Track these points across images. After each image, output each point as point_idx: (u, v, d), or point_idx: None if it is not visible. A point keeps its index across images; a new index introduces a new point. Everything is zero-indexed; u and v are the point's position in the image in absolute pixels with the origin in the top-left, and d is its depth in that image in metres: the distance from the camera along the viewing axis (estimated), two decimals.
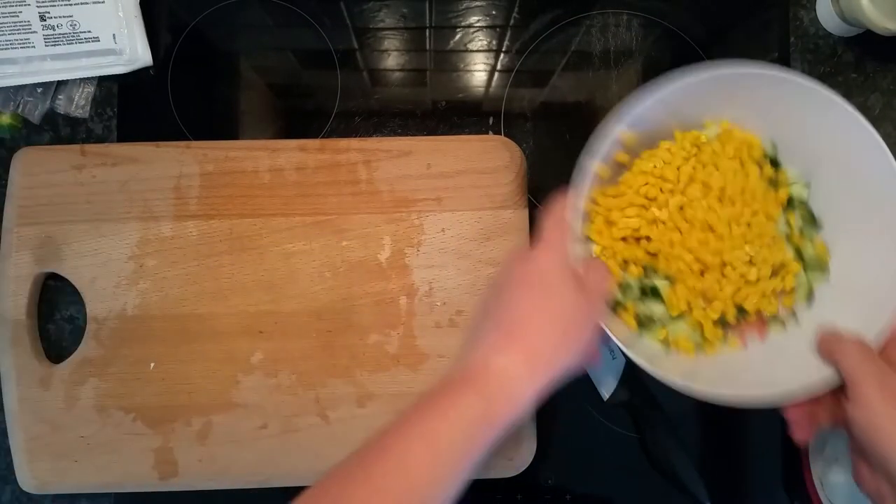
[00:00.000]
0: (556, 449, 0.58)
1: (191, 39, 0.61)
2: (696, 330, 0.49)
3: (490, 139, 0.58)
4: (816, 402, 0.46)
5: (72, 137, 0.59)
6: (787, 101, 0.46)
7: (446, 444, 0.38)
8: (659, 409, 0.55)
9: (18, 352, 0.55)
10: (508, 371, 0.40)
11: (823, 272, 0.49)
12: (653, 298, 0.48)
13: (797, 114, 0.47)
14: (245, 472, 0.54)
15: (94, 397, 0.55)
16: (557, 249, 0.44)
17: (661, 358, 0.48)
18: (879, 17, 0.55)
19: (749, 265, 0.47)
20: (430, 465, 0.38)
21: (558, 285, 0.43)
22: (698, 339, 0.49)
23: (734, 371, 0.47)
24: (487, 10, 0.62)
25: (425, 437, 0.38)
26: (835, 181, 0.49)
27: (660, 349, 0.48)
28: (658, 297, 0.48)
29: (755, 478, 0.59)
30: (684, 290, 0.48)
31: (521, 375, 0.40)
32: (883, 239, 0.46)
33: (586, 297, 0.43)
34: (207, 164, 0.57)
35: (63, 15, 0.57)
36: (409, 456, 0.38)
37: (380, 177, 0.57)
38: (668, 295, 0.48)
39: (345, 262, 0.56)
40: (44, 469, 0.54)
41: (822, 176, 0.49)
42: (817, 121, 0.47)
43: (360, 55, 0.61)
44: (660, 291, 0.48)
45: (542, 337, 0.42)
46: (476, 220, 0.57)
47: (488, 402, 0.39)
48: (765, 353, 0.49)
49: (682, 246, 0.47)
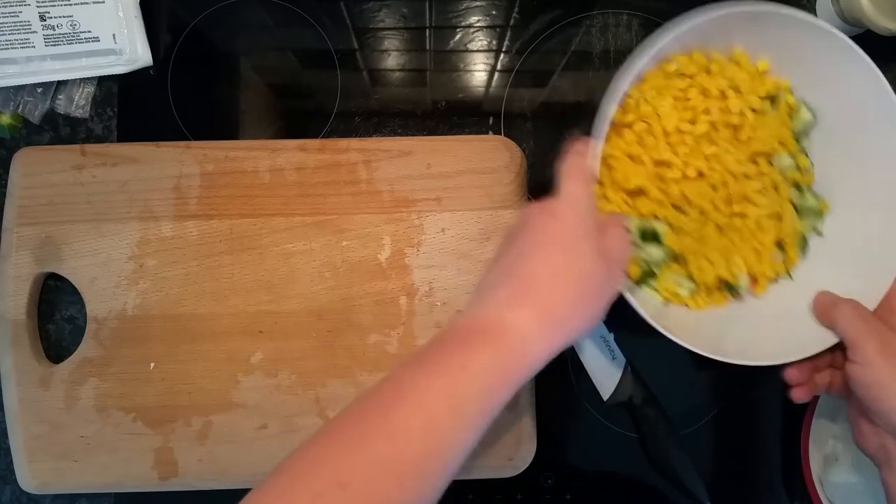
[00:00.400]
0: (556, 449, 0.58)
1: (191, 39, 0.61)
2: (692, 282, 0.49)
3: (490, 139, 0.58)
4: (814, 366, 0.46)
5: (72, 137, 0.59)
6: (803, 43, 0.47)
7: (468, 401, 0.37)
8: (659, 409, 0.55)
9: (18, 352, 0.55)
10: (523, 329, 0.38)
11: (819, 219, 0.50)
12: (652, 242, 0.49)
13: (811, 57, 0.47)
14: (245, 472, 0.54)
15: (94, 397, 0.55)
16: (580, 205, 0.41)
17: (660, 313, 0.48)
18: (879, 17, 0.55)
19: (754, 206, 0.48)
20: (453, 422, 0.36)
21: (580, 245, 0.40)
22: (694, 291, 0.50)
23: (731, 330, 0.48)
24: (487, 10, 0.62)
25: (447, 390, 0.37)
26: (839, 133, 0.49)
27: (659, 303, 0.49)
28: (657, 241, 0.48)
29: (755, 478, 0.59)
30: (687, 240, 0.48)
31: (535, 335, 0.39)
32: (883, 198, 0.47)
33: (606, 261, 0.41)
34: (207, 164, 0.57)
35: (63, 15, 0.57)
36: (434, 410, 0.36)
37: (380, 177, 0.57)
38: (668, 237, 0.48)
39: (345, 262, 0.56)
40: (44, 469, 0.54)
41: (827, 126, 0.50)
42: (830, 67, 0.47)
43: (360, 55, 0.61)
44: (659, 236, 0.48)
45: (560, 297, 0.39)
46: (476, 219, 0.57)
47: (504, 359, 0.38)
48: (761, 313, 0.50)
49: (693, 190, 0.48)
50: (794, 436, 0.57)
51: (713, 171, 0.49)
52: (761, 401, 0.60)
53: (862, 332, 0.43)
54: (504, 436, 0.56)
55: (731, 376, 0.59)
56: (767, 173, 0.50)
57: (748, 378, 0.59)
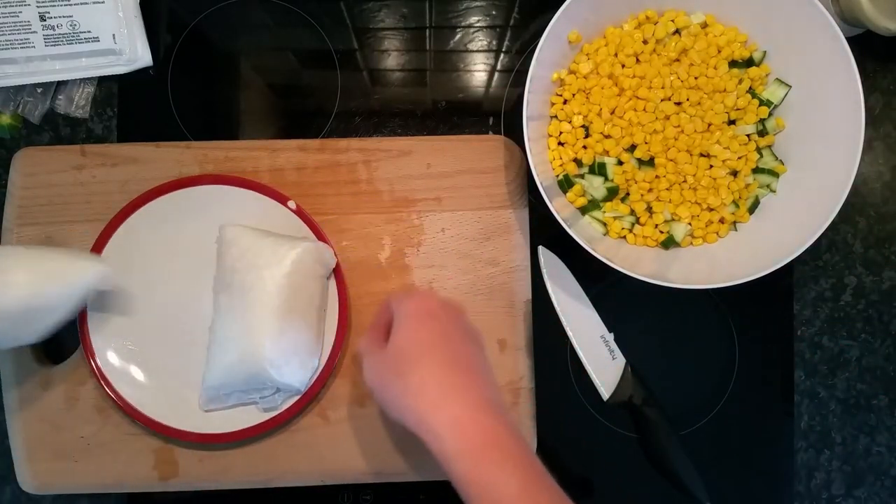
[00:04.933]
0: (556, 449, 0.58)
1: (191, 39, 0.61)
2: (633, 217, 0.55)
3: (490, 139, 0.58)
4: None
5: (72, 137, 0.59)
6: (781, 15, 0.52)
7: None
8: (659, 409, 0.55)
9: (18, 352, 0.55)
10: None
11: (775, 179, 0.55)
12: (599, 176, 0.55)
13: (791, 34, 0.52)
14: (245, 472, 0.54)
15: (94, 397, 0.55)
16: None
17: (597, 240, 0.54)
18: (879, 17, 0.55)
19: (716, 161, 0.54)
20: None
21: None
22: (634, 224, 0.55)
23: (671, 265, 0.54)
24: (487, 10, 0.62)
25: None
26: (801, 100, 0.54)
27: (598, 231, 0.55)
28: (603, 174, 0.54)
29: (755, 477, 0.59)
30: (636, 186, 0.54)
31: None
32: (824, 161, 0.52)
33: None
34: (207, 164, 0.57)
35: (63, 15, 0.57)
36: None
37: (380, 177, 0.57)
38: (615, 173, 0.54)
39: (345, 262, 0.56)
40: (44, 469, 0.54)
41: (791, 94, 0.54)
42: (801, 36, 0.51)
43: (360, 55, 0.61)
44: (606, 169, 0.54)
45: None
46: (476, 219, 0.57)
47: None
48: (702, 252, 0.55)
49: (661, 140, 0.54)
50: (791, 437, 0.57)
51: (672, 119, 0.54)
52: (761, 401, 0.60)
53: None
54: None
55: (732, 378, 0.59)
56: (728, 132, 0.54)
57: (748, 379, 0.59)
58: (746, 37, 0.55)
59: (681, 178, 0.54)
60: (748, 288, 0.49)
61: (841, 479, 0.60)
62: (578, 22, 0.53)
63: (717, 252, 0.55)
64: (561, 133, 0.55)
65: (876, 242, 0.61)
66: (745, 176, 0.55)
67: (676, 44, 0.54)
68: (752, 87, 0.55)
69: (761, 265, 0.49)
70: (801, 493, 0.60)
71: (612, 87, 0.54)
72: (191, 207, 0.55)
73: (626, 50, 0.54)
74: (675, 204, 0.54)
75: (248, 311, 0.50)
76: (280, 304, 0.50)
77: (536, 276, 0.56)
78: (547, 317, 0.54)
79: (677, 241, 0.54)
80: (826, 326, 0.61)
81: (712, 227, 0.55)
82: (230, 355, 0.51)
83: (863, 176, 0.62)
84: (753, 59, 0.55)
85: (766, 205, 0.55)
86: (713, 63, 0.54)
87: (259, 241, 0.52)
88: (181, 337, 0.54)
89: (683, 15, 0.55)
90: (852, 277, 0.61)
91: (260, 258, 0.51)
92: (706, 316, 0.60)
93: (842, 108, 0.50)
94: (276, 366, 0.50)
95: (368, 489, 0.57)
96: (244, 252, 0.51)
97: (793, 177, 0.55)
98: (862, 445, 0.60)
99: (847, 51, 0.49)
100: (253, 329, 0.50)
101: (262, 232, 0.53)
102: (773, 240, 0.52)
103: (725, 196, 0.54)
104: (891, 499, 0.60)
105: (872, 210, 0.61)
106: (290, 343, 0.51)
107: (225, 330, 0.51)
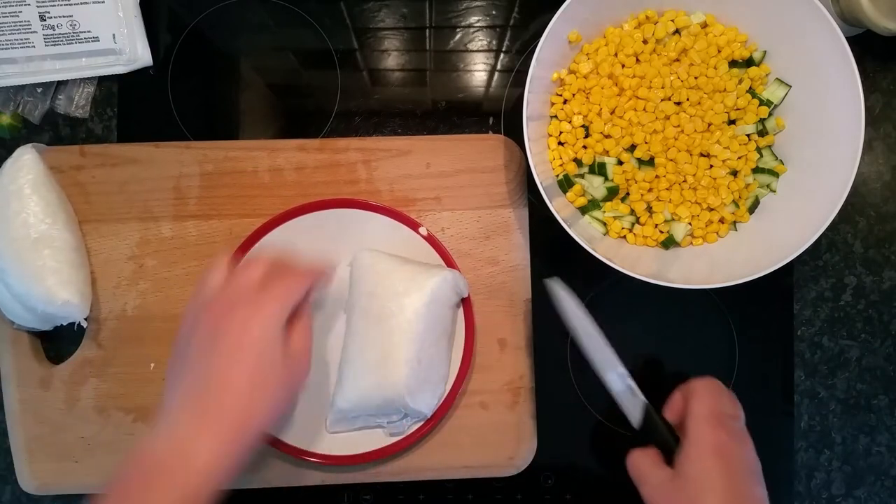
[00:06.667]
0: (556, 449, 0.58)
1: (191, 39, 0.61)
2: (634, 217, 0.55)
3: (490, 139, 0.58)
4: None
5: (72, 137, 0.59)
6: (782, 16, 0.52)
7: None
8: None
9: (18, 353, 0.55)
10: (205, 458, 0.42)
11: (775, 179, 0.55)
12: (599, 176, 0.54)
13: (789, 30, 0.52)
14: (245, 472, 0.54)
15: (94, 398, 0.55)
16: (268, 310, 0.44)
17: (597, 240, 0.54)
18: (879, 17, 0.55)
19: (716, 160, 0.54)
20: None
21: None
22: (634, 224, 0.55)
23: (671, 265, 0.54)
24: (487, 10, 0.62)
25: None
26: (801, 100, 0.54)
27: (598, 231, 0.55)
28: (603, 174, 0.54)
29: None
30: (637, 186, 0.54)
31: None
32: (826, 162, 0.51)
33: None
34: (207, 165, 0.57)
35: (63, 15, 0.57)
36: None
37: (379, 176, 0.57)
38: (615, 173, 0.54)
39: None
40: (44, 469, 0.54)
41: (792, 94, 0.54)
42: (799, 32, 0.51)
43: (360, 55, 0.61)
44: (606, 169, 0.54)
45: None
46: (475, 219, 0.57)
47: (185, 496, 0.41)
48: (701, 252, 0.55)
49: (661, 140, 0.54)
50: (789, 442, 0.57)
51: (672, 119, 0.54)
52: (760, 401, 0.60)
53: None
54: (504, 435, 0.56)
55: (732, 378, 0.59)
56: (728, 132, 0.54)
57: (748, 379, 0.59)
58: (746, 37, 0.54)
59: (681, 177, 0.54)
60: (748, 288, 0.49)
61: (841, 479, 0.60)
62: (578, 22, 0.53)
63: (716, 252, 0.55)
64: (561, 133, 0.55)
65: (876, 242, 0.61)
66: (745, 176, 0.55)
67: (676, 44, 0.54)
68: (752, 86, 0.55)
69: (761, 265, 0.49)
70: (801, 493, 0.60)
71: (612, 86, 0.54)
72: (320, 230, 0.55)
73: (626, 50, 0.54)
74: (675, 204, 0.54)
75: (386, 337, 0.51)
76: (419, 332, 0.51)
77: (536, 275, 0.56)
78: (547, 316, 0.54)
79: (677, 240, 0.54)
80: (826, 326, 0.61)
81: (712, 227, 0.55)
82: (366, 380, 0.51)
83: (863, 176, 0.62)
84: (753, 59, 0.55)
85: (766, 205, 0.55)
86: (713, 63, 0.54)
87: (398, 267, 0.53)
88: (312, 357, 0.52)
89: (683, 15, 0.54)
90: (852, 277, 0.61)
91: (399, 285, 0.51)
92: (706, 316, 0.60)
93: (842, 108, 0.50)
94: (412, 393, 0.51)
95: (368, 489, 0.57)
96: (382, 278, 0.52)
97: (793, 177, 0.54)
98: (862, 445, 0.60)
99: (847, 51, 0.49)
100: (391, 356, 0.50)
101: (400, 259, 0.53)
102: (773, 240, 0.52)
103: (725, 196, 0.54)
104: (891, 499, 0.60)
105: (872, 210, 0.61)
106: (425, 371, 0.51)
107: (361, 354, 0.52)
